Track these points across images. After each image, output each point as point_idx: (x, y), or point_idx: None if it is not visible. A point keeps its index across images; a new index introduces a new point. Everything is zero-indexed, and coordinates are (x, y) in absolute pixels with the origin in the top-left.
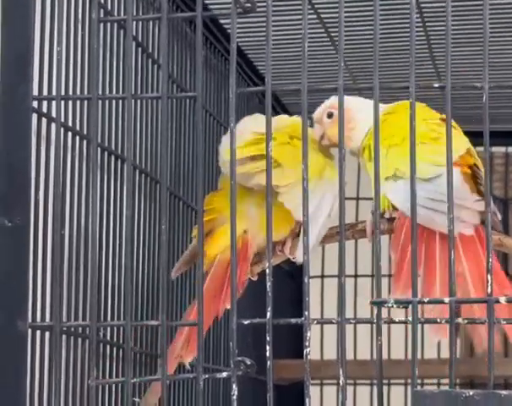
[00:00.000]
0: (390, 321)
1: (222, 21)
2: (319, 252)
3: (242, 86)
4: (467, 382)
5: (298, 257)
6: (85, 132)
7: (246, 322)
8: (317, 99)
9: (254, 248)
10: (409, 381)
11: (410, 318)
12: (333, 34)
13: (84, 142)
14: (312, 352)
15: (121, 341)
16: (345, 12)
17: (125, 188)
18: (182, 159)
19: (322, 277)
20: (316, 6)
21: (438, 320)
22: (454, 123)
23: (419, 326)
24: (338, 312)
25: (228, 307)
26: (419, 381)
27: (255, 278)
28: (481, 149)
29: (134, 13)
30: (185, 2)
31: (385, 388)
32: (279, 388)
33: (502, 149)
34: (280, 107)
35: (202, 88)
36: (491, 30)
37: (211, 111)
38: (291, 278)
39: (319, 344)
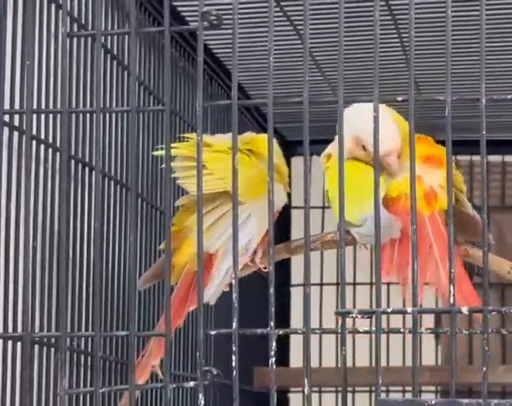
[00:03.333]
0: (355, 331)
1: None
2: (302, 261)
3: (222, 96)
4: (448, 390)
5: (209, 297)
6: (58, 144)
7: (213, 333)
8: (293, 109)
9: (221, 257)
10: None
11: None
12: (310, 46)
13: (58, 154)
14: (295, 360)
15: None
16: (324, 23)
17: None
18: (158, 168)
19: (305, 285)
20: (292, 18)
21: (402, 330)
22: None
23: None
24: (320, 321)
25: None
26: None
27: (226, 289)
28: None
29: (110, 26)
30: (160, 13)
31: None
32: (261, 395)
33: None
34: (261, 118)
35: (180, 99)
36: (466, 40)
37: (189, 121)
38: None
39: (302, 352)
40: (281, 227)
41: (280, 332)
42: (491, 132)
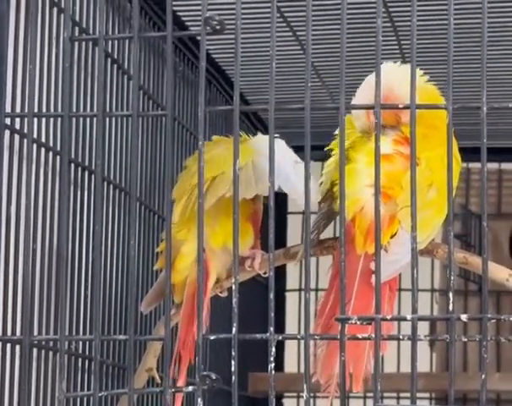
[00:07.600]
0: (354, 338)
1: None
2: (298, 266)
3: (221, 102)
4: (442, 397)
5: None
6: (59, 147)
7: (212, 337)
8: (289, 114)
9: (214, 265)
10: (385, 394)
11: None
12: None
13: (58, 158)
14: (289, 365)
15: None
16: (323, 29)
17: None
18: (157, 173)
19: (299, 290)
20: (291, 24)
21: (401, 337)
22: None
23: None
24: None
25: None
26: (395, 394)
27: (225, 294)
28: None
29: (110, 30)
30: (161, 18)
31: (361, 401)
32: (255, 401)
33: (478, 164)
34: (260, 124)
35: (179, 104)
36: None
37: (188, 126)
38: (267, 291)
39: (296, 358)
40: (277, 232)
41: (280, 338)
42: (488, 139)
